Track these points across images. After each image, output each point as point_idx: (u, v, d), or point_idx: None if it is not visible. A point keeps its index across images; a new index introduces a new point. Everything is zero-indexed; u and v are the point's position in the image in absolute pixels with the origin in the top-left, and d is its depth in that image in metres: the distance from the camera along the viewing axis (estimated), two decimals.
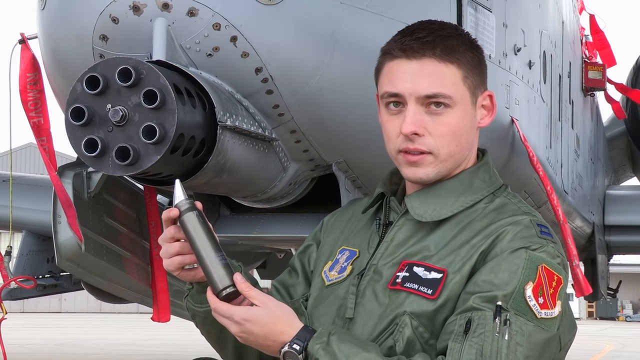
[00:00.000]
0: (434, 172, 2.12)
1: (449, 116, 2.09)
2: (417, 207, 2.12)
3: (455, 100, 2.09)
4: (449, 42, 2.10)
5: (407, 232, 2.14)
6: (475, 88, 2.13)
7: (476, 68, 2.14)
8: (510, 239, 2.03)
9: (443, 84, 2.08)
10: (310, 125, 3.95)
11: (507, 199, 2.15)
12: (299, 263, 2.38)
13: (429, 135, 2.09)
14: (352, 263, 2.20)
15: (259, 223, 4.79)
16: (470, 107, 2.13)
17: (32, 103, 4.89)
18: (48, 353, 19.00)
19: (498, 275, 1.99)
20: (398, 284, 2.07)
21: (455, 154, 2.12)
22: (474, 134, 2.16)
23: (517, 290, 1.97)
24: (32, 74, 4.83)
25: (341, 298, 2.16)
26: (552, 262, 2.02)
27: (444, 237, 2.10)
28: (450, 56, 2.09)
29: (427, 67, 2.08)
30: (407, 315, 2.04)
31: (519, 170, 5.44)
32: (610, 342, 27.23)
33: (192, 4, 3.49)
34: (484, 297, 1.97)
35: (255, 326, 2.00)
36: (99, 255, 5.20)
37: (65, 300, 44.21)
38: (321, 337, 1.98)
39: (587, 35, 9.64)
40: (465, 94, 2.11)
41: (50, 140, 4.99)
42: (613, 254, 11.26)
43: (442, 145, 2.09)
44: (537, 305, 1.97)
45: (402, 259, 2.10)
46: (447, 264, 2.05)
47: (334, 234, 2.32)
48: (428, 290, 2.04)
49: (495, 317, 1.94)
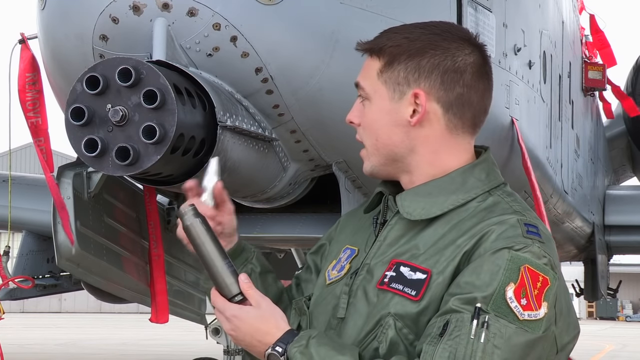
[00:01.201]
0: (369, 167, 2.18)
1: (367, 108, 2.15)
2: (407, 205, 2.11)
3: (368, 93, 2.14)
4: (388, 37, 2.15)
5: (399, 230, 2.12)
6: (398, 84, 2.10)
7: (404, 63, 2.10)
8: (494, 239, 1.98)
9: (363, 75, 2.17)
10: (310, 125, 3.95)
11: (500, 198, 2.11)
12: (312, 262, 2.39)
13: (360, 127, 2.18)
14: (351, 262, 2.19)
15: (259, 223, 4.80)
16: (387, 102, 2.12)
17: (31, 103, 4.88)
18: (48, 353, 19.00)
19: (480, 276, 1.95)
20: (385, 283, 2.06)
21: (380, 149, 2.14)
22: (404, 131, 2.11)
23: (498, 292, 1.92)
24: (31, 74, 4.83)
25: (337, 297, 2.16)
26: (537, 262, 1.97)
27: (433, 235, 2.07)
28: (377, 52, 2.14)
29: (366, 60, 2.18)
30: (391, 316, 2.02)
31: (518, 170, 5.44)
32: (610, 342, 27.24)
33: (192, 4, 3.49)
34: (464, 299, 1.93)
35: (243, 324, 2.01)
36: (99, 255, 5.20)
37: (65, 300, 44.22)
38: (300, 341, 1.98)
39: (587, 35, 9.64)
40: (380, 87, 2.12)
41: (47, 141, 4.99)
42: (613, 254, 11.27)
43: (365, 136, 2.17)
44: (519, 307, 1.92)
45: (392, 258, 2.09)
46: (431, 264, 2.02)
47: (344, 233, 2.32)
48: (412, 292, 2.01)
49: (472, 319, 1.90)
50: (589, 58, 9.36)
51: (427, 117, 2.11)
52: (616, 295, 12.27)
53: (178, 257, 6.41)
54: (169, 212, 5.96)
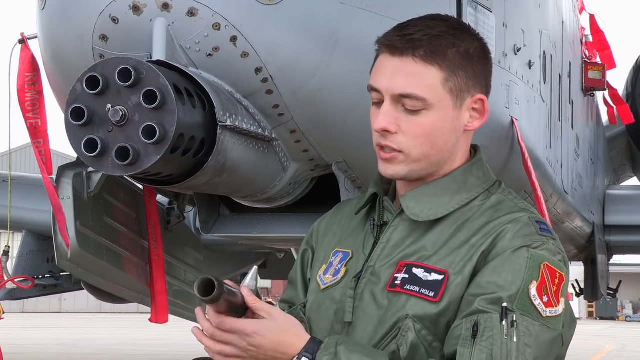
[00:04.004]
0: (405, 171, 2.08)
1: (424, 117, 2.05)
2: (413, 206, 2.10)
3: (430, 103, 2.04)
4: (437, 42, 2.05)
5: (403, 232, 2.11)
6: (460, 91, 2.08)
7: (463, 69, 2.07)
8: (511, 238, 2.01)
9: (418, 85, 2.03)
10: (310, 125, 3.95)
11: (503, 196, 2.13)
12: (297, 274, 2.34)
13: (402, 134, 2.05)
14: (346, 264, 2.17)
15: (259, 223, 4.79)
16: (451, 110, 2.07)
17: (30, 104, 4.88)
18: (48, 353, 19.01)
19: (502, 275, 1.97)
20: (397, 285, 2.05)
21: (431, 156, 2.08)
22: (457, 136, 2.11)
23: (522, 290, 1.95)
24: (31, 74, 4.83)
25: (337, 301, 2.13)
26: (554, 259, 2.01)
27: (441, 236, 2.07)
28: (431, 58, 2.04)
29: (406, 66, 2.04)
30: (410, 318, 2.01)
31: (518, 170, 5.44)
32: (610, 342, 27.24)
33: (192, 4, 3.49)
34: (489, 299, 1.95)
35: (265, 339, 1.95)
36: (99, 255, 5.20)
37: (65, 300, 44.21)
38: (329, 349, 1.95)
39: (587, 35, 9.63)
40: (445, 96, 2.06)
41: (47, 143, 4.98)
42: (613, 254, 11.26)
43: (414, 145, 2.05)
44: (542, 304, 1.96)
45: (399, 260, 2.08)
46: (447, 265, 2.03)
47: (328, 238, 2.29)
48: (430, 293, 2.01)
49: (502, 320, 1.93)
50: (589, 58, 9.36)
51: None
52: (616, 295, 12.26)
53: (178, 257, 6.42)
54: (168, 212, 5.97)
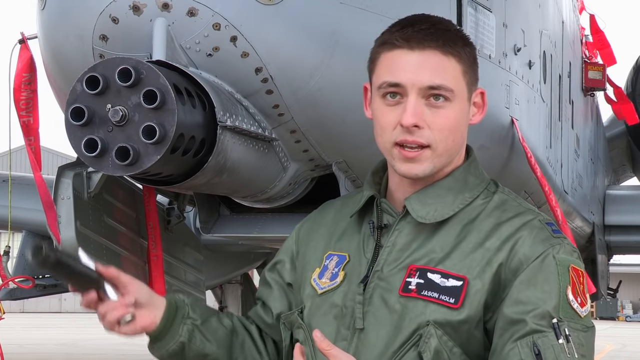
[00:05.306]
0: (430, 168, 2.07)
1: (449, 110, 2.06)
2: (419, 209, 2.08)
3: (455, 94, 2.06)
4: (449, 35, 2.09)
5: (408, 235, 2.10)
6: (471, 84, 2.12)
7: (473, 64, 2.12)
8: (531, 244, 2.01)
9: (445, 77, 2.05)
10: (310, 125, 3.95)
11: (505, 195, 2.14)
12: (270, 279, 2.32)
13: (428, 128, 2.04)
14: (344, 268, 2.14)
15: (259, 223, 4.79)
16: (466, 103, 2.11)
17: (24, 102, 4.92)
18: (48, 353, 19.01)
19: (538, 287, 1.98)
20: (413, 291, 2.03)
21: (451, 149, 2.09)
22: (465, 130, 2.14)
23: (562, 298, 1.97)
24: (28, 74, 4.86)
25: (338, 306, 2.11)
26: (575, 260, 2.03)
27: (448, 237, 2.07)
28: (452, 49, 2.06)
29: (431, 58, 2.05)
30: (432, 325, 2.00)
31: (518, 171, 5.44)
32: (610, 342, 27.23)
33: (192, 4, 3.49)
34: (537, 315, 1.96)
35: None
36: (99, 255, 5.20)
37: (65, 300, 44.22)
38: None
39: (587, 35, 9.63)
40: (464, 88, 2.09)
41: (37, 140, 5.03)
42: (613, 254, 11.26)
43: (440, 139, 2.05)
44: (578, 306, 1.99)
45: (409, 264, 2.06)
46: (464, 269, 2.02)
47: (315, 240, 2.25)
48: (450, 299, 2.00)
49: (557, 337, 1.94)
50: (589, 58, 9.36)
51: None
52: (616, 295, 12.27)
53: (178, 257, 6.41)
54: (168, 212, 5.96)
